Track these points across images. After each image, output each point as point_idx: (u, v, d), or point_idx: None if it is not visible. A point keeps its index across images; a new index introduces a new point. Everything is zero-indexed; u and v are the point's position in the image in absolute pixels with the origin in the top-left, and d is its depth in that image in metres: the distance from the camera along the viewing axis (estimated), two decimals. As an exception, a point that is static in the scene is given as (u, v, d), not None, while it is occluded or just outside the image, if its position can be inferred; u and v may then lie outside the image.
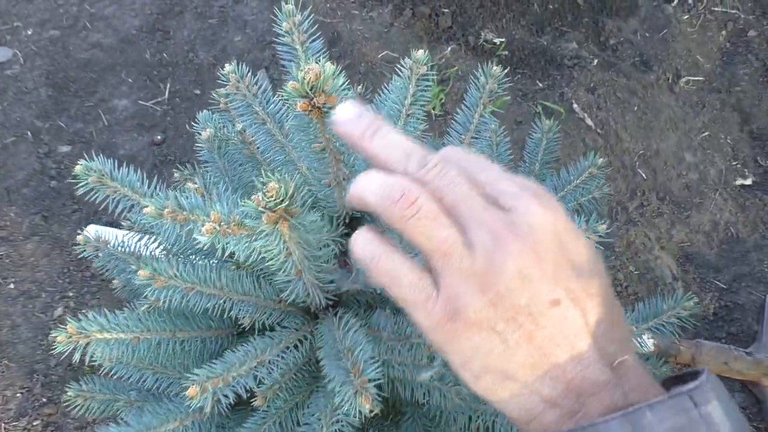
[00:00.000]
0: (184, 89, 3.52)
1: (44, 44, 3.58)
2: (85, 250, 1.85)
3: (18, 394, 2.91)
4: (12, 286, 3.08)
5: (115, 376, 1.70)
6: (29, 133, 3.39)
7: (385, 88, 1.67)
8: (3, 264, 3.12)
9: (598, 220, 1.52)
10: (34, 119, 3.43)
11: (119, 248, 1.84)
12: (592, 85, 3.43)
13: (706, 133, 3.35)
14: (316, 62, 1.85)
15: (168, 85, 3.53)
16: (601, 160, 1.89)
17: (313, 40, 1.85)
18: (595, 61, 3.49)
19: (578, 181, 1.89)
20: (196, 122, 1.93)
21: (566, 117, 3.35)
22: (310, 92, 1.22)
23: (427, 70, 1.53)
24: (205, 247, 1.21)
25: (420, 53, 1.53)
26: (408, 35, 3.55)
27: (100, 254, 1.86)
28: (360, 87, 2.10)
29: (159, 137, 3.40)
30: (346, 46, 3.55)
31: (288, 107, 1.42)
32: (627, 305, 2.86)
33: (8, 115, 3.42)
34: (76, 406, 1.80)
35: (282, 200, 1.17)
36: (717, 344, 2.80)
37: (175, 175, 2.06)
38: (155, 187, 1.73)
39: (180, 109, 3.47)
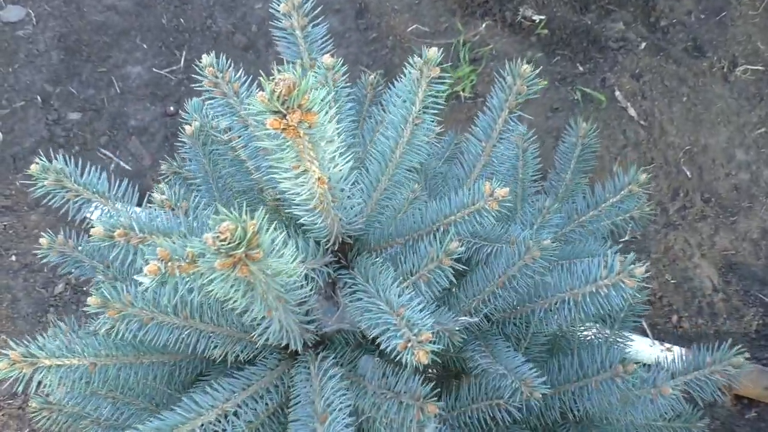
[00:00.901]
0: (201, 58, 3.27)
1: (58, 4, 3.35)
2: (47, 256, 1.63)
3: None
4: (14, 258, 2.91)
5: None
6: (39, 97, 3.19)
7: (399, 79, 1.40)
8: (6, 235, 2.95)
9: (635, 260, 1.25)
10: (45, 83, 3.22)
11: (86, 255, 1.62)
12: (637, 70, 3.08)
13: (762, 129, 2.99)
14: (319, 54, 1.58)
15: (184, 53, 3.28)
16: (644, 176, 1.60)
17: (316, 25, 1.58)
18: (643, 44, 3.14)
19: (615, 199, 1.61)
20: (186, 111, 1.69)
21: (607, 105, 3.02)
22: (281, 108, 0.96)
23: (440, 72, 1.26)
24: (151, 286, 0.98)
25: (432, 52, 1.25)
26: (440, 8, 3.23)
27: (66, 260, 1.64)
28: (373, 76, 1.82)
29: (172, 108, 3.16)
30: (374, 18, 3.25)
31: (254, 124, 1.16)
32: (660, 317, 2.58)
33: (18, 78, 3.22)
34: (41, 419, 1.62)
35: (239, 244, 0.93)
36: (759, 367, 2.50)
37: (162, 167, 1.83)
38: (125, 190, 1.50)
39: (195, 79, 3.22)
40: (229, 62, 1.36)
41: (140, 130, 3.14)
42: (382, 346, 1.10)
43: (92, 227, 1.17)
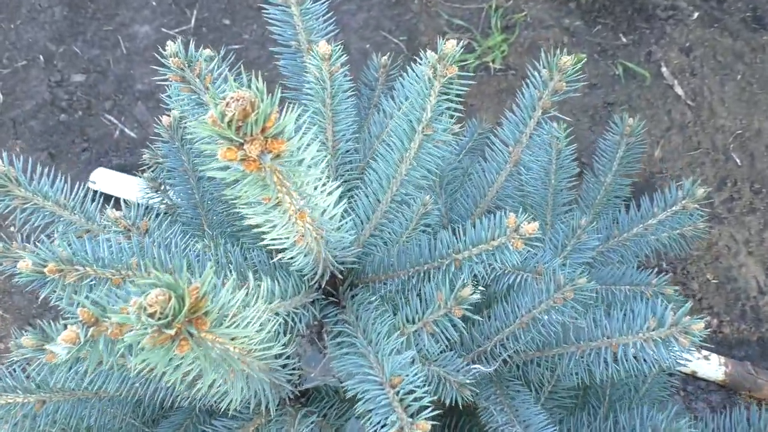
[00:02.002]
0: (213, 18, 2.98)
1: (63, -45, 3.07)
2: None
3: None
4: (13, 228, 2.72)
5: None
6: (41, 57, 2.94)
7: (407, 74, 1.12)
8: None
9: (688, 311, 0.99)
10: (48, 42, 2.97)
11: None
12: (687, 44, 2.73)
13: (823, 114, 2.64)
14: (319, 36, 1.30)
15: (195, 13, 3.00)
16: (702, 190, 1.31)
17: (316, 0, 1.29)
18: (696, 13, 2.77)
19: (665, 216, 1.33)
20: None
21: (651, 82, 2.68)
22: (236, 136, 0.70)
23: (458, 72, 0.98)
24: (67, 359, 0.75)
25: (450, 45, 0.97)
26: (472, -32, 2.88)
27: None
28: (385, 57, 1.54)
29: (181, 72, 2.90)
30: (398, -23, 2.92)
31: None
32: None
33: (20, 35, 2.97)
34: None
35: (173, 318, 0.68)
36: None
37: (145, 156, 1.58)
38: (83, 197, 1.26)
39: (206, 40, 2.95)
40: (200, 51, 1.09)
41: (147, 94, 2.89)
42: (370, 425, 0.86)
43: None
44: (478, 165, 1.32)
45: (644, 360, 1.03)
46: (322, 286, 1.03)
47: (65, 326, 0.78)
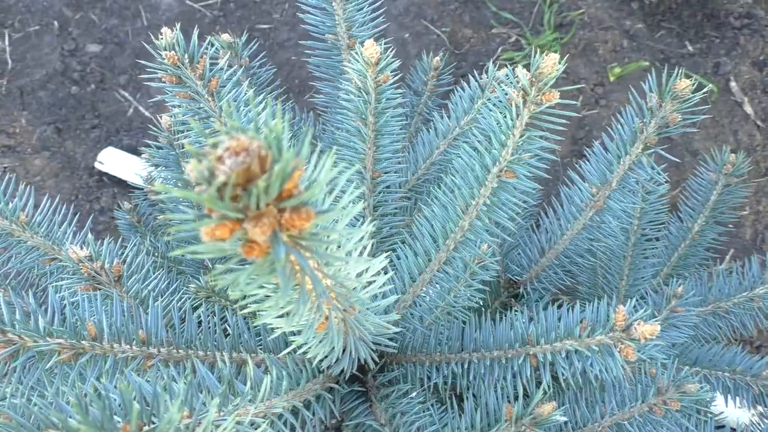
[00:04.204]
0: (241, -8, 2.68)
1: None
2: None
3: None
4: (13, 207, 2.45)
5: None
6: (56, 23, 2.66)
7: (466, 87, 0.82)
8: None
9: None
10: (64, 7, 2.68)
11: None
12: (762, 57, 2.38)
13: None
14: (363, 30, 0.98)
15: (222, -15, 2.69)
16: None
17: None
18: (772, 24, 2.43)
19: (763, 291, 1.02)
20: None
21: (717, 98, 2.35)
22: (232, 209, 0.40)
23: (560, 98, 0.68)
24: None
25: (551, 62, 0.67)
26: (527, -43, 2.54)
27: None
28: (437, 59, 1.23)
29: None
30: (446, -38, 2.59)
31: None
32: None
33: (35, -3, 2.68)
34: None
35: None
36: None
37: (143, 155, 1.29)
38: (51, 213, 0.97)
39: (233, 17, 2.65)
40: (207, 43, 0.79)
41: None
42: None
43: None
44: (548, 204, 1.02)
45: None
46: (347, 374, 0.74)
47: None
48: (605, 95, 2.39)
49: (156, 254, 1.10)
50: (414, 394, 0.73)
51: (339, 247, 0.51)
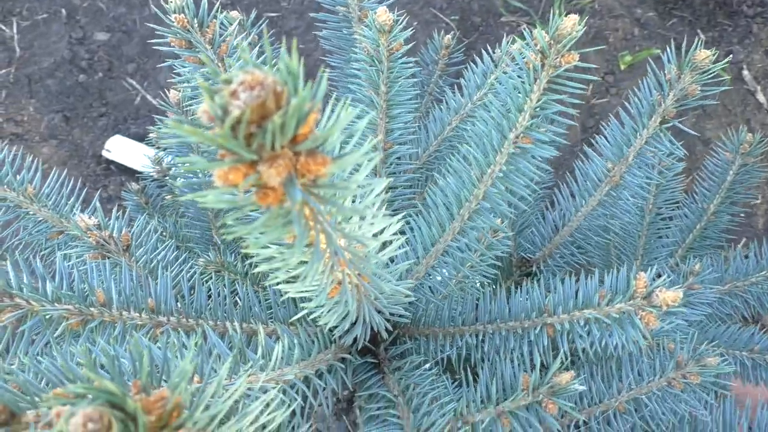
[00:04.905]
0: (249, -20, 2.66)
1: None
2: None
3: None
4: (20, 195, 2.45)
5: None
6: (64, 11, 2.65)
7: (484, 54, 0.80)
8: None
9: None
10: (72, -5, 2.67)
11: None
12: (774, 46, 2.36)
13: None
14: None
15: (230, -27, 2.68)
16: None
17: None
18: (786, 13, 2.40)
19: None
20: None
21: (729, 86, 2.32)
22: (246, 149, 0.39)
23: (578, 61, 0.66)
24: None
25: (571, 22, 0.65)
26: (537, -55, 2.52)
27: None
28: (448, 37, 1.21)
29: (211, 37, 2.59)
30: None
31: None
32: None
33: (43, -15, 2.68)
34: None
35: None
36: None
37: (151, 135, 1.27)
38: (59, 186, 0.96)
39: (242, 5, 2.64)
40: (217, 6, 0.78)
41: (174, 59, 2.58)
42: None
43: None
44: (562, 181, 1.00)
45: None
46: (359, 344, 0.72)
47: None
48: (616, 84, 2.37)
49: (164, 234, 1.09)
50: (427, 365, 0.72)
51: (355, 201, 0.49)
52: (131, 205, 1.32)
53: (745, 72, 2.33)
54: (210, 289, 0.78)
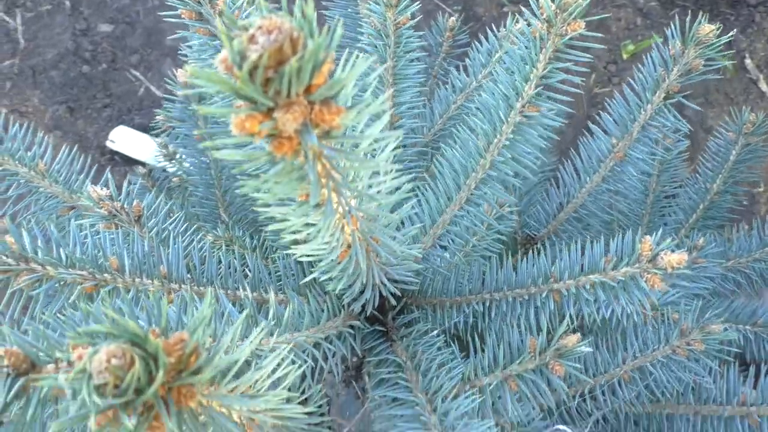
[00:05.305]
0: (252, -28, 2.68)
1: None
2: None
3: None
4: (25, 185, 2.46)
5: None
6: (67, 2, 2.66)
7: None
8: (19, 157, 2.49)
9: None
10: (75, -14, 2.68)
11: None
12: (777, 35, 2.36)
13: None
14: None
15: (233, -35, 2.69)
16: None
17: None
18: (788, 1, 2.41)
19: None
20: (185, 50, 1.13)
21: (732, 75, 2.33)
22: (262, 95, 0.40)
23: (584, 29, 0.67)
24: None
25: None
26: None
27: None
28: (453, 19, 1.22)
29: (214, 29, 2.60)
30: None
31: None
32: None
33: (47, -23, 2.69)
34: None
35: (138, 392, 0.40)
36: None
37: (158, 117, 1.29)
38: (69, 163, 0.97)
39: (244, -4, 2.65)
40: (225, -20, 0.79)
41: (177, 51, 2.60)
42: None
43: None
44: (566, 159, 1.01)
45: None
46: (368, 311, 0.73)
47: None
48: (618, 73, 2.37)
49: (172, 212, 1.10)
50: (434, 332, 0.73)
51: (367, 156, 0.50)
52: (138, 189, 1.33)
53: (748, 61, 2.33)
54: (221, 261, 0.79)
